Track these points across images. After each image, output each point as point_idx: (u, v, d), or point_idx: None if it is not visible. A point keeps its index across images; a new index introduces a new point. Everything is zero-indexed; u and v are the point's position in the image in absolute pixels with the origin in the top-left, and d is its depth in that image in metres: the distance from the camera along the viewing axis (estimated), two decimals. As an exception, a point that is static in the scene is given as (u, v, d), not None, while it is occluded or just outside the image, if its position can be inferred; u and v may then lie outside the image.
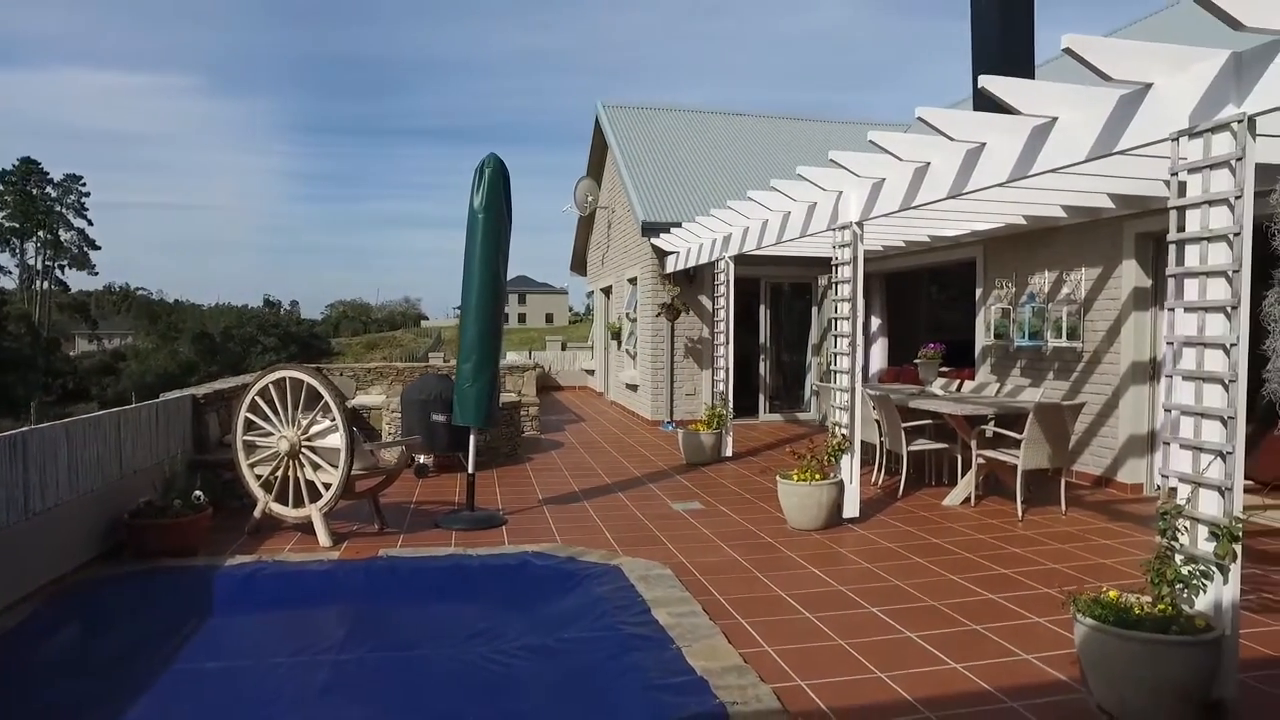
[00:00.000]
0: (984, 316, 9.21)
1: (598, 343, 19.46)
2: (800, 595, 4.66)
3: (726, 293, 9.59)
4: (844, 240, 6.23)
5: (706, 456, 9.19)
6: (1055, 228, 8.10)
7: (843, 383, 6.31)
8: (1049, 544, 5.72)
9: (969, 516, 6.54)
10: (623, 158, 14.32)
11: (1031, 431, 6.20)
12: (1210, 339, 3.17)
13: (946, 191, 5.11)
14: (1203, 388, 3.22)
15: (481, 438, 9.09)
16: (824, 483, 6.04)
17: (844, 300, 6.26)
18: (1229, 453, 3.10)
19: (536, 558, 5.24)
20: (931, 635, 4.05)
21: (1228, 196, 3.12)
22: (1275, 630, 4.12)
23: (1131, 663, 3.05)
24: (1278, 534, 6.00)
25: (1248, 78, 3.15)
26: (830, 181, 6.24)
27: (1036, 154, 4.31)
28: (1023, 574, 5.04)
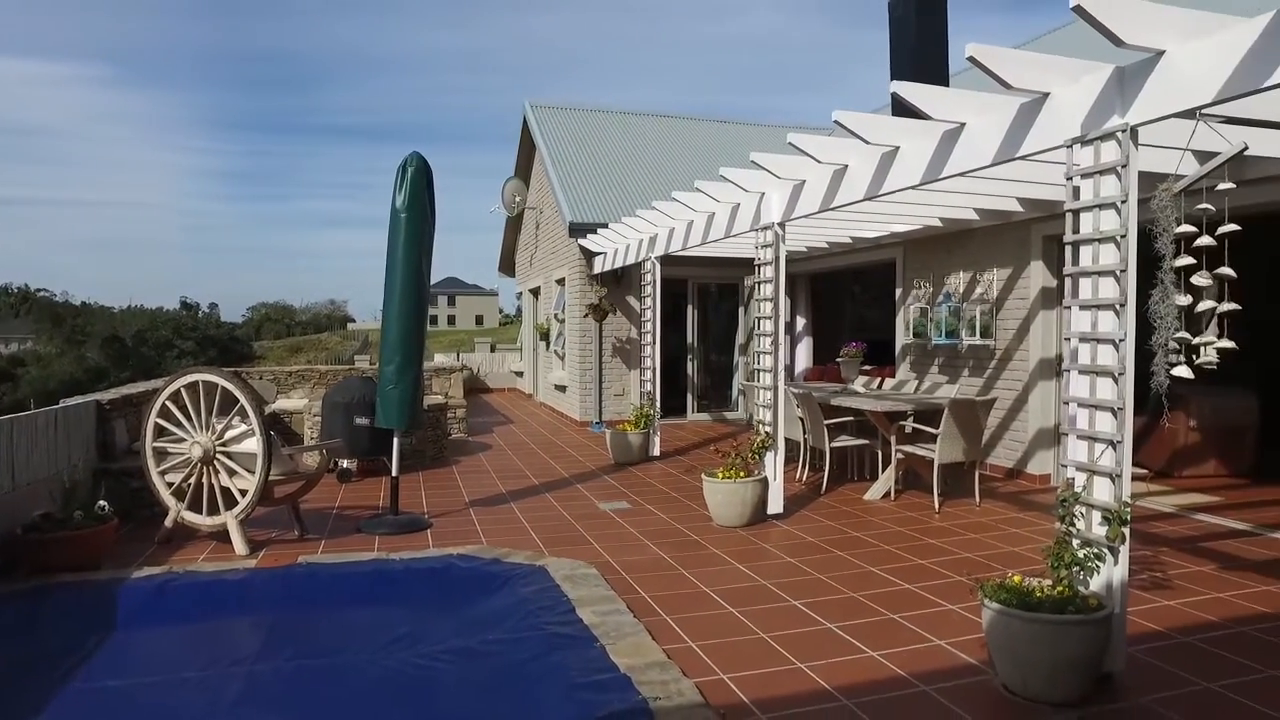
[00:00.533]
0: (903, 316, 9.50)
1: (526, 344, 19.33)
2: (724, 591, 4.72)
3: (653, 293, 9.65)
4: (766, 241, 6.34)
5: (634, 456, 9.23)
6: (969, 230, 8.40)
7: (766, 381, 6.43)
8: (963, 534, 5.93)
9: (889, 510, 6.73)
10: (550, 158, 14.27)
11: (947, 427, 6.42)
12: (1102, 335, 3.34)
13: (863, 193, 5.25)
14: (1096, 381, 3.39)
15: (407, 440, 8.93)
16: (748, 480, 6.14)
17: (766, 300, 6.37)
18: (1119, 442, 3.27)
19: (461, 560, 5.18)
20: (851, 625, 4.16)
21: (1115, 200, 3.29)
22: (1160, 606, 4.36)
23: (1033, 643, 3.20)
24: (1167, 517, 6.36)
25: (1130, 91, 3.34)
26: (753, 183, 6.35)
27: (946, 158, 4.47)
28: (938, 563, 5.21)
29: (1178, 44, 3.20)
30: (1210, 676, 3.52)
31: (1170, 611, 4.31)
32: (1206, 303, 3.29)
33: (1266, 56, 2.89)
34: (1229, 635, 3.99)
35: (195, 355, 56.81)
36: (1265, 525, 6.10)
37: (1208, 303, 3.30)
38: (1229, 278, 3.30)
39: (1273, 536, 5.81)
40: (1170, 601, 4.46)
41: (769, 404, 6.38)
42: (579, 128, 16.00)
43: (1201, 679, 3.50)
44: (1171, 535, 5.86)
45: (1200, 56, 3.11)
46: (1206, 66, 3.08)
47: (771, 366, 6.34)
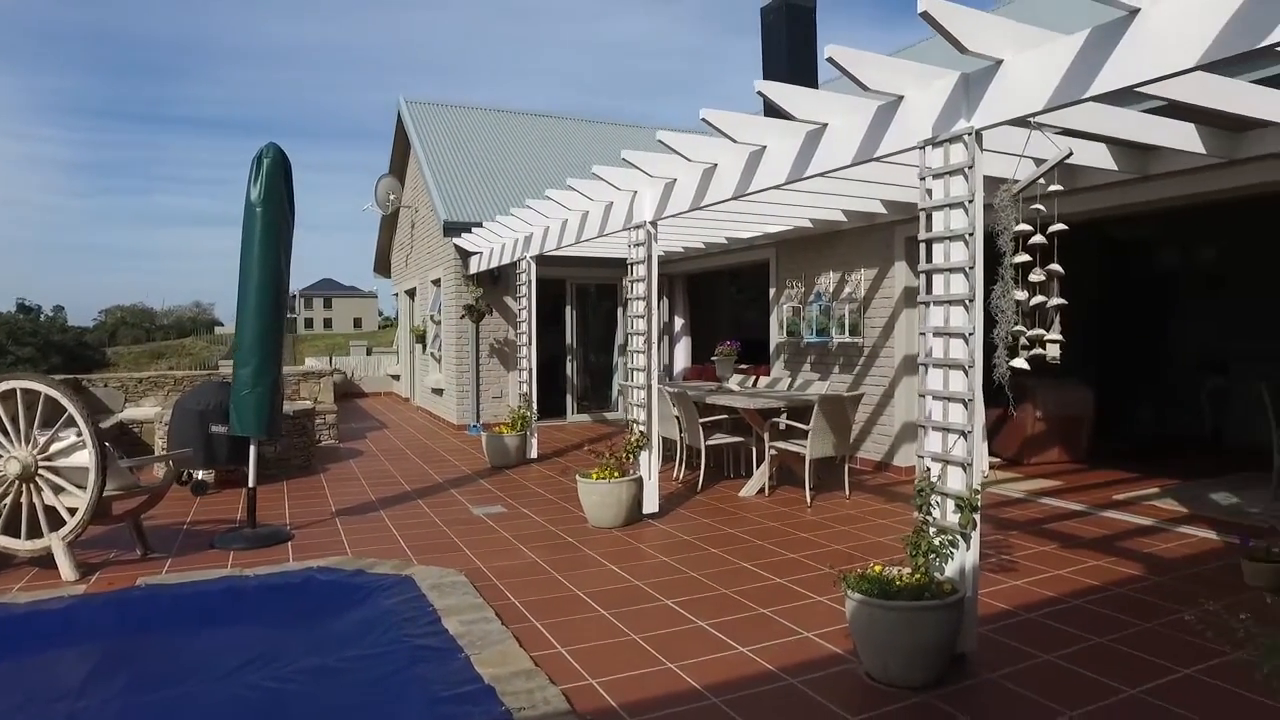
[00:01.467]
0: (777, 315, 9.72)
1: (403, 347, 18.73)
2: (597, 593, 4.65)
3: (529, 293, 9.50)
4: (638, 240, 6.33)
5: (511, 459, 9.05)
6: (838, 231, 8.68)
7: (639, 380, 6.41)
8: (833, 527, 6.09)
9: (763, 506, 6.85)
10: (425, 155, 13.86)
11: (817, 422, 6.58)
12: (953, 329, 3.48)
13: (732, 192, 5.31)
14: (948, 374, 3.52)
15: (270, 448, 8.46)
16: (623, 480, 6.10)
17: (639, 299, 6.36)
18: (969, 432, 3.41)
19: (321, 573, 4.90)
20: (722, 622, 4.17)
21: (963, 200, 3.43)
22: (1009, 587, 4.59)
23: (892, 630, 3.28)
24: (1017, 503, 6.75)
25: (974, 96, 3.49)
26: (625, 181, 6.32)
27: (810, 157, 4.56)
28: (808, 557, 5.32)
29: (1014, 54, 3.36)
30: (1050, 649, 3.73)
31: (1018, 591, 4.55)
32: (1039, 297, 3.48)
33: (1084, 71, 3.08)
34: (1067, 610, 4.24)
35: (35, 362, 52.23)
36: (1097, 505, 6.56)
37: (1040, 297, 3.48)
38: (1059, 274, 3.50)
39: (1103, 515, 6.25)
40: (1018, 581, 4.71)
41: (643, 403, 6.37)
42: (455, 125, 15.63)
43: (1043, 652, 3.70)
44: (1020, 519, 6.21)
45: (1032, 67, 3.29)
46: (1037, 77, 3.25)
47: (645, 366, 6.33)
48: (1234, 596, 4.40)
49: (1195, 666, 3.52)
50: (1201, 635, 3.82)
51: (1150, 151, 5.77)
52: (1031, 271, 3.42)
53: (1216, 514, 6.27)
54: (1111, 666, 3.55)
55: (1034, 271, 3.42)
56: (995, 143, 4.36)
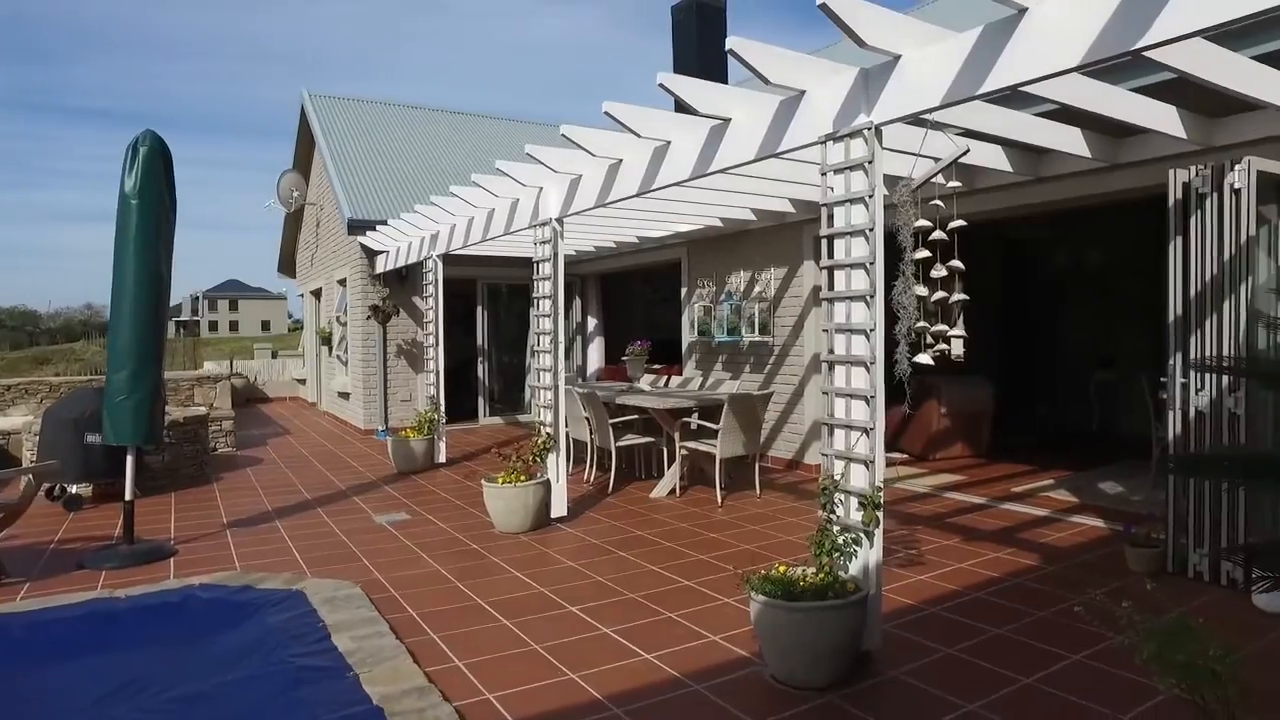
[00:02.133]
0: (688, 314, 9.70)
1: (309, 349, 18.02)
2: (500, 602, 4.48)
3: (435, 293, 9.21)
4: (544, 237, 6.17)
5: (418, 464, 8.75)
6: (748, 231, 8.71)
7: (546, 381, 6.26)
8: (744, 526, 6.07)
9: (674, 507, 6.79)
10: (329, 150, 13.34)
11: (727, 421, 6.56)
12: (855, 325, 3.46)
13: (637, 188, 5.22)
14: (851, 371, 3.50)
15: (157, 458, 7.95)
16: (530, 484, 5.93)
17: (545, 298, 6.20)
18: (870, 429, 3.39)
19: (203, 590, 4.57)
20: (628, 628, 4.06)
21: (864, 195, 3.42)
22: (915, 581, 4.64)
23: (796, 631, 3.23)
24: (923, 497, 6.88)
25: (874, 91, 3.49)
26: (530, 177, 6.16)
27: (714, 153, 4.50)
28: (717, 558, 5.27)
29: (911, 50, 3.37)
30: (952, 642, 3.76)
31: (921, 585, 4.59)
32: (941, 293, 3.50)
33: (977, 68, 3.10)
34: (967, 602, 4.30)
35: (-104, 370, 48.20)
36: (997, 498, 6.75)
37: (941, 293, 3.51)
38: (959, 270, 3.53)
39: (1003, 508, 6.43)
40: (923, 576, 4.76)
41: (550, 405, 6.21)
42: (361, 120, 15.11)
43: (945, 645, 3.73)
44: (926, 513, 6.32)
45: (929, 64, 3.29)
46: (934, 73, 3.26)
47: (552, 366, 6.18)
48: (1119, 581, 4.56)
49: (1084, 652, 3.60)
50: (1090, 622, 3.93)
51: (1042, 155, 5.96)
52: (933, 268, 3.43)
53: (1104, 502, 6.53)
54: (1009, 657, 3.59)
55: (935, 267, 3.44)
56: (896, 141, 4.40)
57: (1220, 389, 4.48)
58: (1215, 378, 4.49)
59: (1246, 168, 4.39)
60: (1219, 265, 4.48)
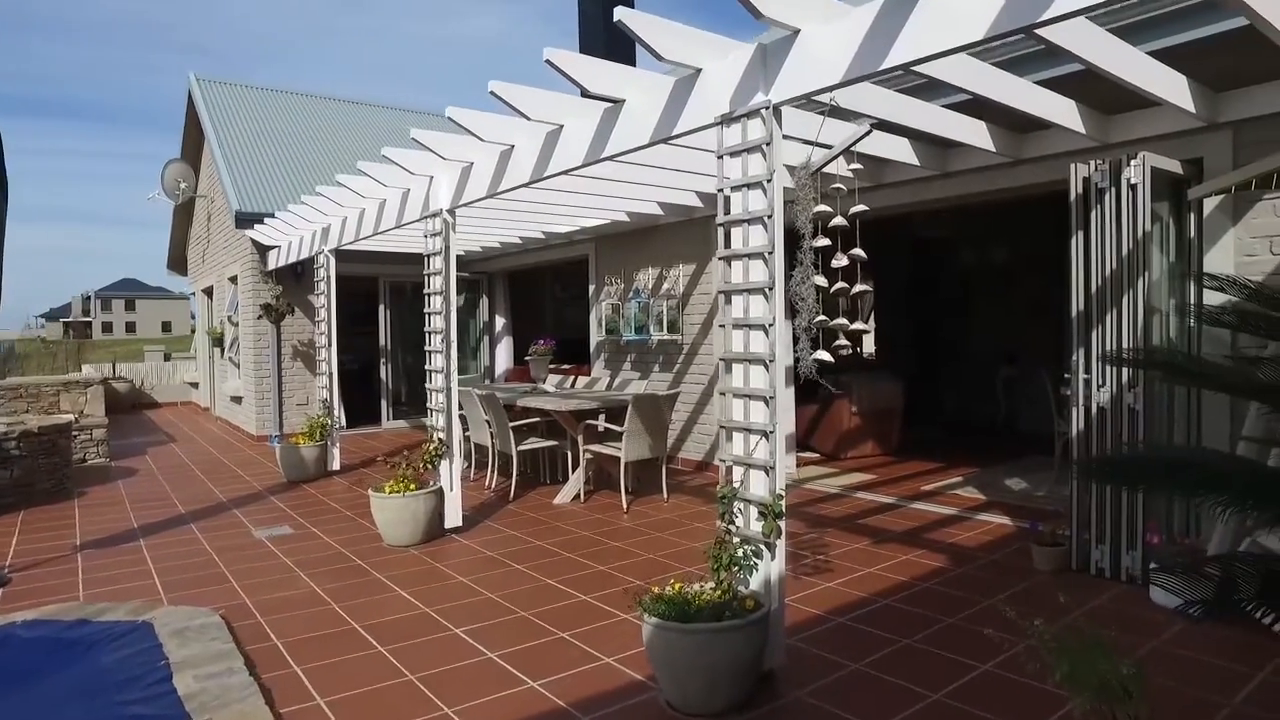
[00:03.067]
0: (596, 313, 9.40)
1: (201, 351, 16.98)
2: (379, 626, 4.08)
3: (328, 290, 8.65)
4: (435, 229, 5.77)
5: (309, 472, 8.19)
6: (656, 226, 8.46)
7: (438, 383, 5.85)
8: (649, 533, 5.80)
9: (578, 514, 6.47)
10: (217, 137, 12.52)
11: (631, 423, 6.28)
12: (753, 320, 3.21)
13: (529, 176, 4.88)
14: (749, 369, 3.25)
15: (5, 472, 7.20)
16: (420, 493, 5.52)
17: (436, 294, 5.80)
18: (770, 432, 3.15)
19: (27, 628, 4.01)
20: (516, 652, 3.72)
21: (761, 179, 3.17)
22: (821, 589, 4.44)
23: (691, 655, 2.96)
24: (833, 498, 6.75)
25: (773, 68, 3.25)
26: (420, 165, 5.74)
27: (608, 137, 4.21)
28: (619, 568, 4.98)
29: (811, 24, 3.14)
30: (859, 656, 3.56)
31: (829, 594, 4.40)
32: (841, 284, 3.29)
33: (879, 43, 2.89)
34: (877, 610, 4.13)
35: None
36: (907, 497, 6.67)
37: (842, 284, 3.29)
38: (861, 259, 3.32)
39: (912, 507, 6.35)
40: (830, 583, 4.57)
41: (441, 407, 5.81)
42: (252, 107, 14.26)
43: (852, 660, 3.52)
44: (835, 515, 6.18)
45: (829, 39, 3.07)
46: (834, 49, 3.04)
47: (443, 367, 5.78)
48: (1026, 582, 4.47)
49: (993, 661, 3.45)
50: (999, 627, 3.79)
51: (949, 149, 5.89)
52: (834, 257, 3.22)
53: (1010, 499, 6.52)
54: (917, 670, 3.41)
55: (836, 257, 3.22)
56: (796, 128, 4.19)
57: (1120, 385, 4.43)
58: (1116, 374, 4.44)
59: (1142, 163, 4.35)
60: (1118, 260, 4.43)
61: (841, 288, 3.29)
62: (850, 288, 3.32)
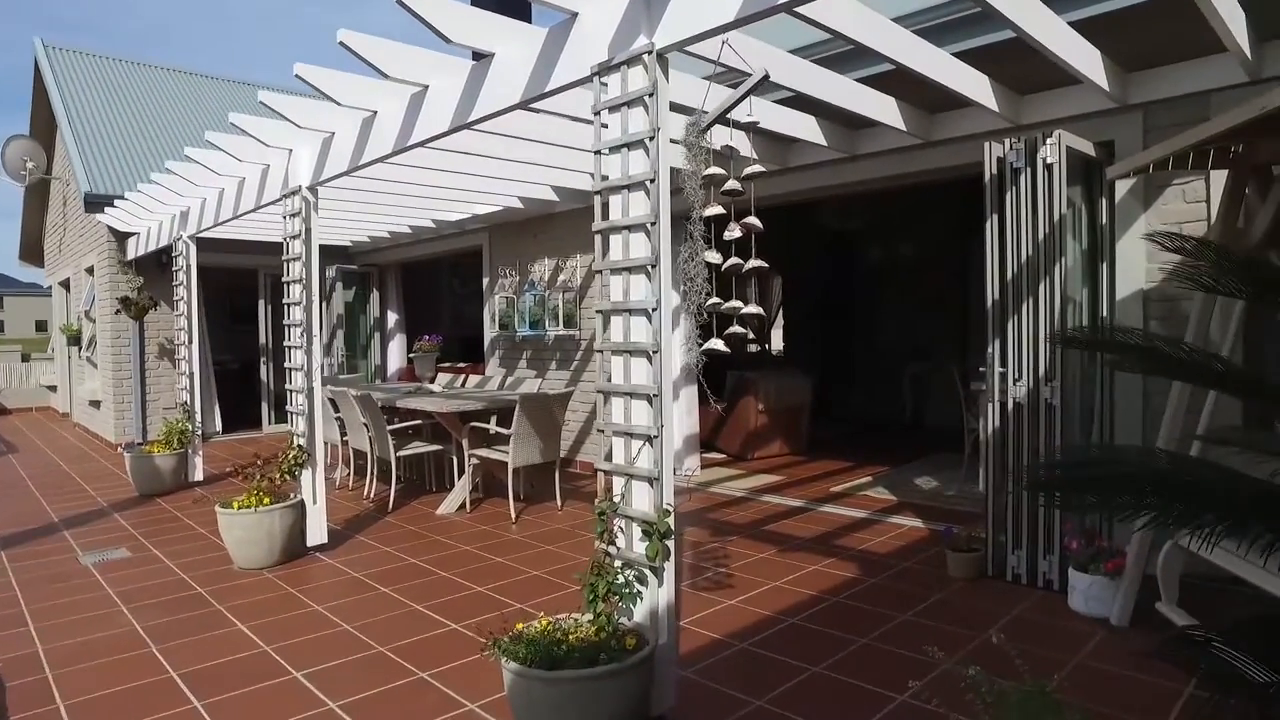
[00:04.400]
0: (490, 307, 8.79)
1: (59, 350, 15.49)
2: (202, 673, 3.42)
3: (188, 281, 7.77)
4: (293, 209, 5.08)
5: (166, 484, 7.31)
6: (552, 214, 7.92)
7: (297, 382, 5.16)
8: (538, 546, 5.26)
9: (462, 525, 5.87)
10: (66, 111, 11.30)
11: (519, 425, 5.73)
12: (634, 304, 2.72)
13: (393, 145, 4.27)
14: (630, 362, 2.76)
15: None
16: (275, 507, 4.84)
17: (296, 282, 5.10)
18: (654, 437, 2.67)
19: None
20: (361, 701, 3.13)
21: (644, 137, 2.68)
22: (724, 608, 4.00)
23: (558, 708, 2.45)
24: (739, 503, 6.36)
25: (656, 8, 2.76)
26: (275, 136, 5.04)
27: (477, 96, 3.65)
28: (500, 589, 4.43)
29: (703, -44, 2.67)
30: (763, 689, 3.12)
31: (731, 613, 3.96)
32: (735, 260, 2.83)
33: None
34: (783, 631, 3.71)
35: None
36: (816, 500, 6.34)
37: (736, 260, 2.84)
38: (756, 228, 2.87)
39: (821, 511, 6.01)
40: (733, 600, 4.14)
41: (303, 410, 5.12)
42: (109, 79, 13.00)
43: (754, 694, 3.08)
44: (741, 522, 5.78)
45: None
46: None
47: (304, 365, 5.09)
48: (940, 592, 4.14)
49: (910, 691, 3.06)
50: (915, 647, 3.44)
51: (859, 130, 5.56)
52: (726, 228, 2.76)
53: (920, 499, 6.27)
54: (828, 704, 2.99)
55: (729, 227, 2.76)
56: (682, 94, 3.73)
57: (1037, 379, 4.15)
58: (1033, 367, 4.15)
59: (1058, 141, 4.07)
60: (1034, 245, 4.15)
61: (735, 264, 2.83)
62: (744, 264, 2.87)
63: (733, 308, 2.80)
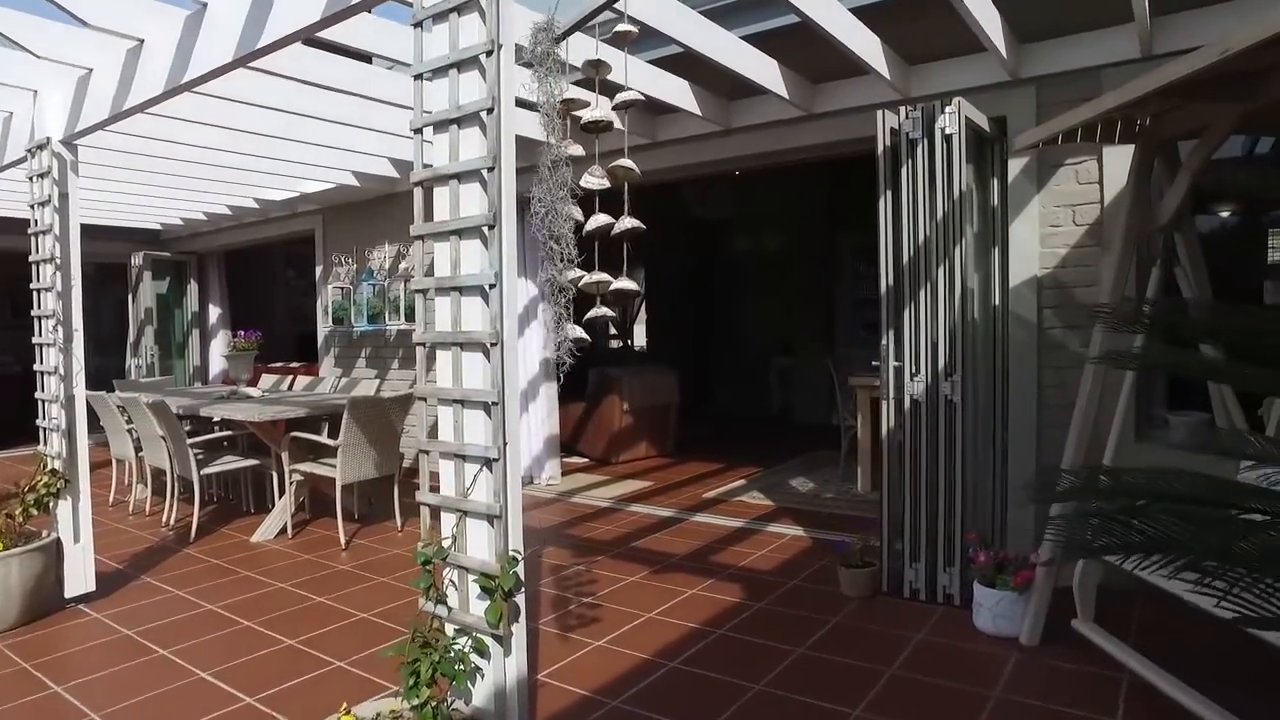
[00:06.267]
0: (323, 299, 7.76)
1: None
2: None
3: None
4: (40, 167, 3.98)
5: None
6: (393, 194, 7.02)
7: (50, 389, 4.06)
8: (371, 579, 4.42)
9: (281, 555, 4.93)
10: None
11: (348, 434, 4.85)
12: (466, 279, 2.01)
13: (165, 82, 3.33)
14: (461, 358, 2.05)
15: None
16: (15, 553, 3.77)
17: (48, 262, 4.01)
18: (495, 460, 1.97)
19: None
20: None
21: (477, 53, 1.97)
22: (590, 652, 3.34)
23: None
24: (604, 514, 5.72)
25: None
26: (11, 72, 3.93)
27: (270, 7, 2.80)
28: (317, 640, 3.58)
29: None
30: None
31: (600, 659, 3.30)
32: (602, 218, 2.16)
33: None
34: (662, 680, 3.09)
35: None
36: (688, 508, 5.81)
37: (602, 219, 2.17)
38: (631, 171, 2.22)
39: (695, 520, 5.49)
40: (601, 640, 3.49)
41: (59, 425, 4.04)
42: None
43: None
44: (607, 538, 5.14)
45: None
46: None
47: (59, 366, 4.01)
48: (835, 616, 3.65)
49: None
50: (818, 690, 2.91)
51: (735, 101, 5.05)
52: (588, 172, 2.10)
53: (799, 503, 5.87)
54: (720, 786, 2.39)
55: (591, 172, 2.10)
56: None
57: (936, 374, 3.73)
58: (931, 361, 3.74)
59: (958, 110, 3.66)
60: (932, 225, 3.73)
61: (602, 223, 2.16)
62: (614, 224, 2.20)
63: (598, 281, 2.12)
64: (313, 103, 4.69)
